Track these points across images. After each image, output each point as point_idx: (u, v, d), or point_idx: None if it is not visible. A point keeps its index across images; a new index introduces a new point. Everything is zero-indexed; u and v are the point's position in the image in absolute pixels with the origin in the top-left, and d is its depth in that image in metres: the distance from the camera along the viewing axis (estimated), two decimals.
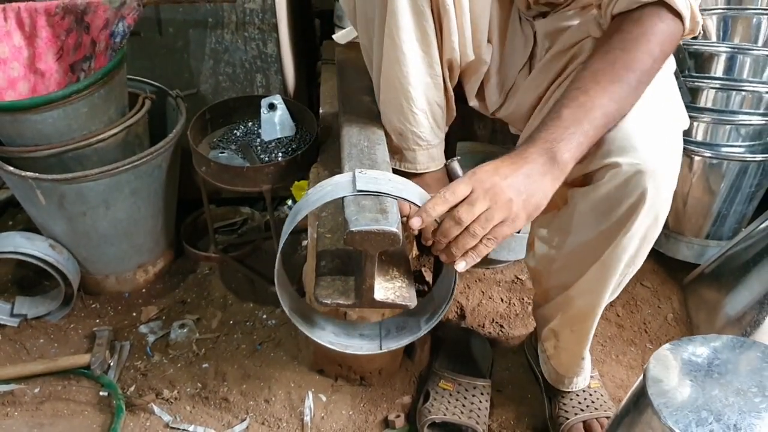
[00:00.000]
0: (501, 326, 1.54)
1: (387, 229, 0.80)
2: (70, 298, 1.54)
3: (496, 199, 0.78)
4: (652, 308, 1.59)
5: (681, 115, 0.96)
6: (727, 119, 1.46)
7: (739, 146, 1.49)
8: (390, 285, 0.88)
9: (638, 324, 1.55)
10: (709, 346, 0.90)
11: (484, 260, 0.81)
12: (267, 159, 1.43)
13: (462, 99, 1.20)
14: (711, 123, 1.49)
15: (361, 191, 0.80)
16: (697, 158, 1.50)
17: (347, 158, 1.03)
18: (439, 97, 1.09)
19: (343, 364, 1.37)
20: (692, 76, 1.48)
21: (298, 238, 1.72)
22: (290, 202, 1.89)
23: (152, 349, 1.48)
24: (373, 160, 1.02)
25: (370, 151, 1.05)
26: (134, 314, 1.57)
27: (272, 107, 1.48)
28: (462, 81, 1.17)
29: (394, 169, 1.12)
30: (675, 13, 0.85)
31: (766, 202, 1.59)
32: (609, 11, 0.89)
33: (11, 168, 1.38)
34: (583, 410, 1.26)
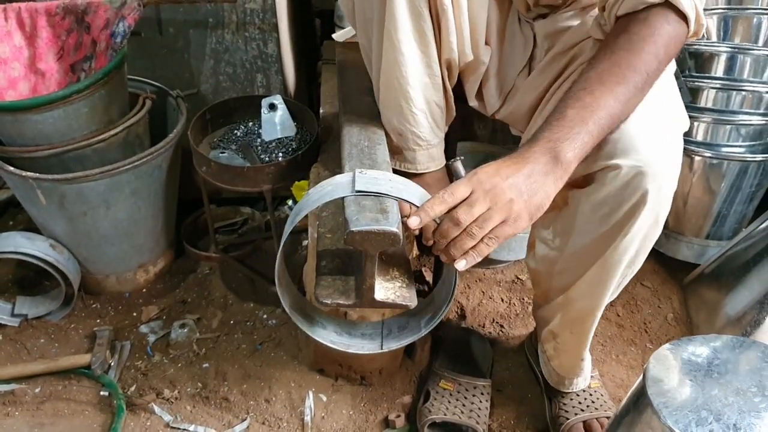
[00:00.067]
0: (501, 326, 1.54)
1: (387, 229, 0.80)
2: (71, 298, 1.54)
3: (497, 200, 0.78)
4: (652, 308, 1.59)
5: (681, 116, 0.96)
6: (728, 119, 1.46)
7: (740, 146, 1.49)
8: (390, 285, 0.88)
9: (638, 324, 1.55)
10: (709, 346, 0.90)
11: (484, 260, 0.81)
12: (267, 159, 1.43)
13: (462, 99, 1.20)
14: (711, 123, 1.49)
15: (360, 191, 0.80)
16: (697, 158, 1.50)
17: (347, 158, 1.03)
18: (438, 97, 1.09)
19: (344, 364, 1.37)
20: (692, 76, 1.48)
21: (299, 238, 1.72)
22: (291, 202, 1.89)
23: (153, 349, 1.48)
24: (373, 160, 1.02)
25: (370, 151, 1.05)
26: (135, 314, 1.57)
27: (273, 107, 1.48)
28: (462, 81, 1.17)
29: (394, 169, 1.12)
30: (680, 15, 0.85)
31: (766, 202, 1.59)
32: (614, 12, 0.89)
33: (12, 168, 1.38)
34: (583, 410, 1.26)
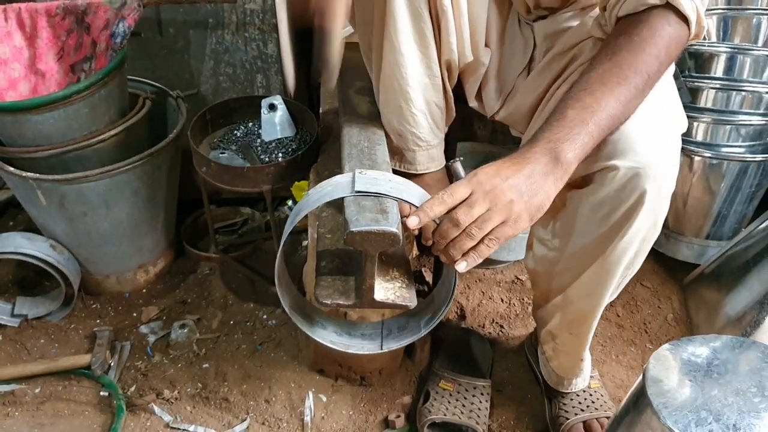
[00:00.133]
0: (501, 326, 1.54)
1: (387, 230, 0.80)
2: (71, 298, 1.54)
3: (496, 201, 0.77)
4: (652, 308, 1.59)
5: (680, 117, 0.96)
6: (727, 119, 1.46)
7: (739, 146, 1.49)
8: (390, 285, 0.88)
9: (638, 324, 1.55)
10: (708, 346, 0.90)
11: (484, 261, 0.81)
12: (267, 159, 1.43)
13: (462, 100, 1.20)
14: (711, 123, 1.49)
15: (360, 192, 0.80)
16: (697, 158, 1.50)
17: (347, 158, 1.03)
18: (438, 98, 1.09)
19: (344, 364, 1.37)
20: (692, 76, 1.48)
21: (299, 239, 1.72)
22: (290, 203, 1.89)
23: (153, 350, 1.48)
24: (373, 160, 1.02)
25: (370, 151, 1.05)
26: (135, 314, 1.57)
27: (272, 108, 1.48)
28: (462, 82, 1.17)
29: (394, 170, 1.12)
30: (681, 17, 0.84)
31: (766, 202, 1.59)
32: (614, 12, 0.88)
33: (12, 168, 1.38)
34: (583, 410, 1.26)
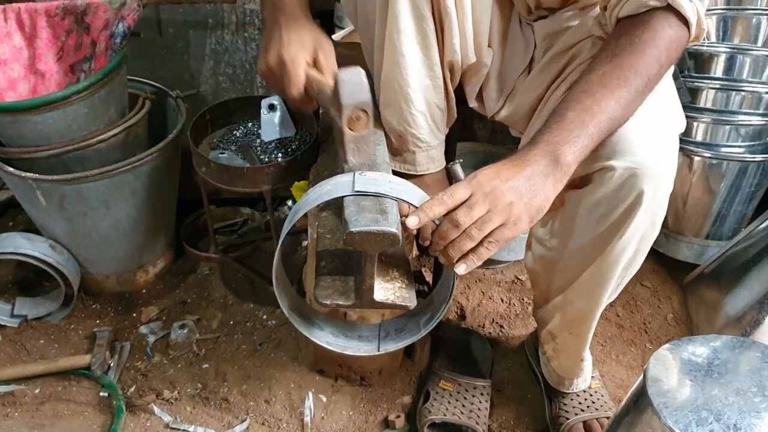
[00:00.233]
0: (501, 326, 1.54)
1: (387, 230, 0.80)
2: (71, 298, 1.54)
3: (496, 203, 0.78)
4: (652, 308, 1.59)
5: (678, 117, 0.96)
6: (727, 119, 1.46)
7: (739, 146, 1.49)
8: (390, 285, 0.88)
9: (638, 324, 1.55)
10: (709, 346, 0.90)
11: (484, 261, 0.81)
12: (267, 159, 1.43)
13: (462, 100, 1.20)
14: (711, 123, 1.49)
15: (360, 192, 0.80)
16: (696, 158, 1.50)
17: None
18: (439, 99, 1.09)
19: (343, 365, 1.37)
20: (692, 76, 1.48)
21: (299, 239, 1.72)
22: (290, 203, 1.89)
23: (152, 350, 1.48)
24: (373, 160, 1.02)
25: None
26: (134, 315, 1.57)
27: (272, 108, 1.48)
28: (462, 83, 1.17)
29: (393, 170, 1.12)
30: (682, 19, 0.84)
31: (766, 202, 1.60)
32: (615, 13, 0.88)
33: (11, 169, 1.38)
34: (583, 410, 1.26)
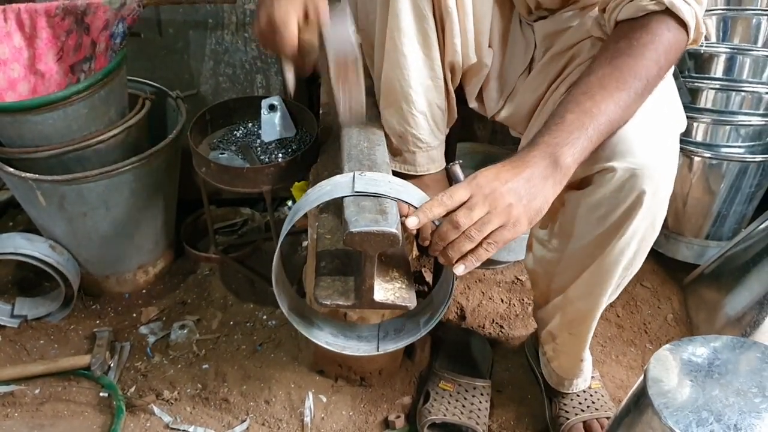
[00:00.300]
0: (501, 327, 1.54)
1: (386, 230, 0.80)
2: (71, 299, 1.54)
3: (496, 205, 0.78)
4: (652, 308, 1.59)
5: (679, 117, 0.96)
6: (727, 120, 1.46)
7: (739, 147, 1.49)
8: (390, 286, 0.88)
9: (638, 324, 1.55)
10: (709, 347, 0.90)
11: (484, 261, 0.81)
12: (267, 160, 1.43)
13: (462, 100, 1.20)
14: (711, 123, 1.49)
15: (359, 192, 0.80)
16: (696, 159, 1.50)
17: (347, 159, 1.03)
18: (440, 100, 1.09)
19: (343, 365, 1.37)
20: (692, 76, 1.48)
21: (298, 239, 1.72)
22: (290, 203, 1.89)
23: (152, 350, 1.48)
24: (372, 161, 1.02)
25: (369, 152, 1.05)
26: (134, 315, 1.57)
27: (272, 108, 1.48)
28: (463, 83, 1.17)
29: (393, 171, 1.12)
30: (681, 23, 0.85)
31: (765, 202, 1.59)
32: (613, 16, 0.88)
33: (11, 169, 1.38)
34: (583, 410, 1.26)
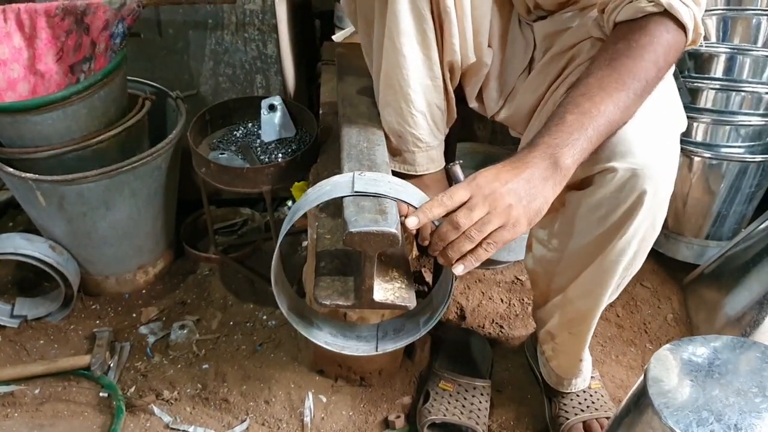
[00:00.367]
0: (501, 327, 1.54)
1: (386, 230, 0.80)
2: (70, 299, 1.54)
3: (495, 205, 0.78)
4: (652, 308, 1.59)
5: (679, 117, 0.96)
6: (727, 120, 1.46)
7: (739, 147, 1.49)
8: (389, 286, 0.88)
9: (638, 324, 1.55)
10: (709, 347, 0.90)
11: (484, 261, 0.81)
12: (267, 160, 1.43)
13: (462, 100, 1.20)
14: (711, 123, 1.49)
15: (359, 192, 0.80)
16: (696, 159, 1.50)
17: (347, 159, 1.03)
18: (439, 100, 1.09)
19: (343, 365, 1.37)
20: (692, 76, 1.48)
21: (298, 239, 1.72)
22: (290, 203, 1.89)
23: (152, 350, 1.48)
24: (372, 161, 1.02)
25: (369, 152, 1.05)
26: (134, 315, 1.57)
27: (272, 108, 1.48)
28: (462, 83, 1.17)
29: (393, 171, 1.12)
30: (679, 25, 0.85)
31: (765, 202, 1.59)
32: (612, 18, 0.88)
33: (11, 169, 1.38)
34: (583, 410, 1.26)
